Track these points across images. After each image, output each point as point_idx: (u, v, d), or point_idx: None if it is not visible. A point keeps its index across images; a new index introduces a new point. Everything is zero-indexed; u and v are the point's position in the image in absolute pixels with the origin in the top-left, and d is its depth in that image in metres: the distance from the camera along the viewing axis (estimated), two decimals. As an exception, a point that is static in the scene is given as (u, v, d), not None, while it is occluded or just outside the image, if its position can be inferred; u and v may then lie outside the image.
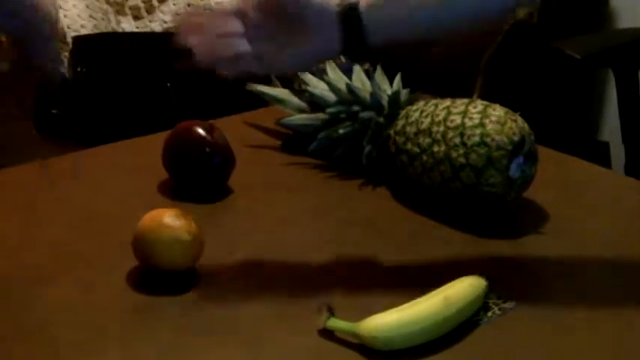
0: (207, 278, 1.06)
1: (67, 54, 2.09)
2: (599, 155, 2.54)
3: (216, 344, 0.96)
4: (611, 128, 2.54)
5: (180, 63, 1.07)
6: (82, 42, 2.08)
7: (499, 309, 1.03)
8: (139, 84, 1.97)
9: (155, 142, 1.28)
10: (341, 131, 1.32)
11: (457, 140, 1.19)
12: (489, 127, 1.18)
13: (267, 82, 1.43)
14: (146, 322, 1.00)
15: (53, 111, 1.98)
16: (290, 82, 1.42)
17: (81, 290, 1.04)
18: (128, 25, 2.23)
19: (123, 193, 1.25)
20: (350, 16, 1.09)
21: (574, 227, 1.22)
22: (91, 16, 2.17)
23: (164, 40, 2.15)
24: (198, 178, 1.25)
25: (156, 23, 2.24)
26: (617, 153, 2.24)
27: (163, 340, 0.96)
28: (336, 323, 0.97)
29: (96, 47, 2.07)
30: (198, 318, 1.00)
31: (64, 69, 2.08)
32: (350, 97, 1.33)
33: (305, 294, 1.05)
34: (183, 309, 1.02)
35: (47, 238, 1.14)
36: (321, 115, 1.35)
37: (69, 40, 2.12)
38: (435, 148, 1.21)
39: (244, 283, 1.07)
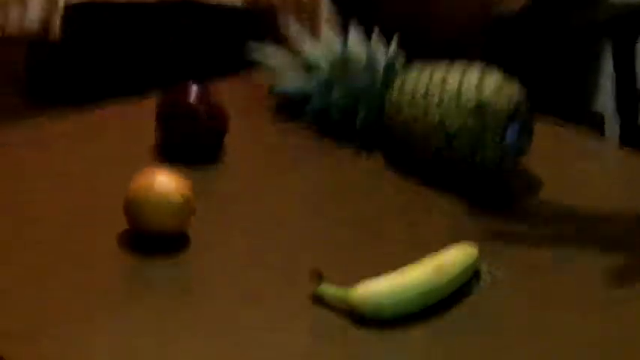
0: (198, 243, 1.06)
1: (59, 21, 2.07)
2: (594, 126, 2.54)
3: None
4: (605, 99, 2.53)
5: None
6: (75, 10, 2.06)
7: (491, 278, 1.03)
8: (134, 41, 1.95)
9: (148, 106, 1.27)
10: (335, 96, 1.31)
11: (452, 105, 1.18)
12: (486, 92, 1.18)
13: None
14: (137, 286, 1.00)
15: (45, 75, 1.96)
16: (284, 46, 1.41)
17: (70, 253, 1.03)
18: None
19: (113, 158, 1.24)
20: None
21: (568, 197, 1.21)
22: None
23: (158, 11, 2.14)
24: (190, 141, 1.24)
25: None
26: (611, 124, 2.24)
27: (154, 305, 0.96)
28: (327, 289, 0.96)
29: (89, 15, 2.05)
30: (188, 284, 1.00)
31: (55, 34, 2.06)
32: (345, 62, 1.31)
33: (297, 259, 1.04)
34: (175, 274, 1.01)
35: (37, 198, 1.13)
36: (315, 80, 1.34)
37: (61, 6, 2.10)
38: (430, 115, 1.20)
39: (235, 249, 1.06)
